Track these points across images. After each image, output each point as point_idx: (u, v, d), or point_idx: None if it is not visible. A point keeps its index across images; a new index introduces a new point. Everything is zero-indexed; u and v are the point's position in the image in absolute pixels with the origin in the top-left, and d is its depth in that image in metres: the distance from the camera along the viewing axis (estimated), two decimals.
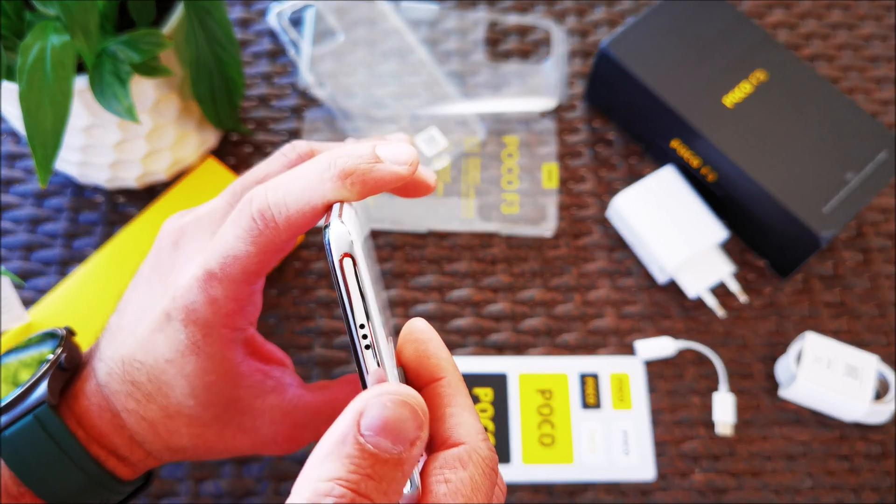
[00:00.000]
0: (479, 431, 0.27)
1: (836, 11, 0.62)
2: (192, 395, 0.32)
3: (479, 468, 0.26)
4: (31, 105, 0.38)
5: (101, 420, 0.33)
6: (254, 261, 0.29)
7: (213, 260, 0.30)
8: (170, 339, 0.31)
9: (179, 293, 0.31)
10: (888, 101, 0.59)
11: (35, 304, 0.48)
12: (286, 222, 0.29)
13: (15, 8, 0.40)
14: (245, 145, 0.55)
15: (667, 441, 0.48)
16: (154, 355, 0.32)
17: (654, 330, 0.50)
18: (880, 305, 0.52)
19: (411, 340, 0.29)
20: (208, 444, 0.34)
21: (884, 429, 0.48)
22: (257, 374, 0.34)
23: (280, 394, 0.34)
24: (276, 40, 0.59)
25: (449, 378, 0.28)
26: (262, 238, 0.29)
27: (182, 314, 0.31)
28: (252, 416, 0.33)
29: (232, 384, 0.33)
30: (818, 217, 0.48)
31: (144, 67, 0.42)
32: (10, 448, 0.32)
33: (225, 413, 0.33)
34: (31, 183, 0.53)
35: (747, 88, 0.51)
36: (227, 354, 0.32)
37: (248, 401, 0.33)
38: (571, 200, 0.54)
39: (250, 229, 0.29)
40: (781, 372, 0.49)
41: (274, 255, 0.30)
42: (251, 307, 0.33)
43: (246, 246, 0.29)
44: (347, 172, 0.28)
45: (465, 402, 0.28)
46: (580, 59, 0.60)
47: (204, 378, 0.32)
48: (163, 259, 0.34)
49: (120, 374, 0.33)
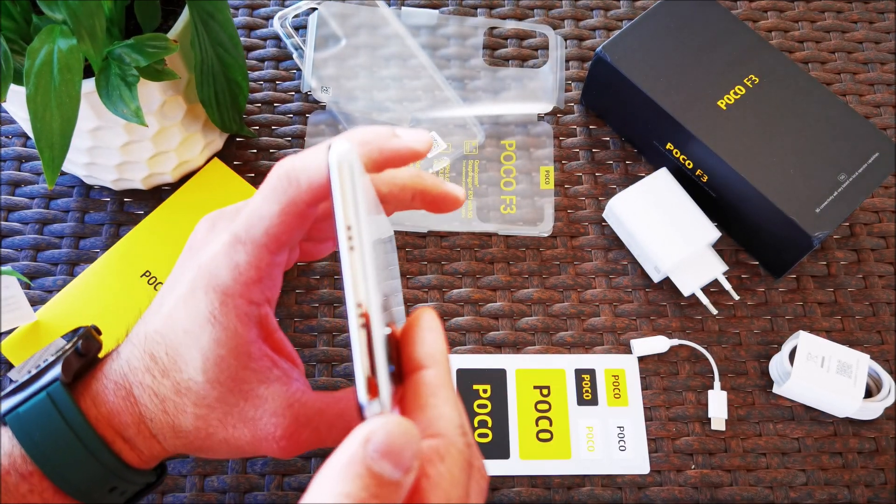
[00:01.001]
0: (458, 426, 0.28)
1: (828, 15, 0.63)
2: (202, 369, 0.33)
3: (457, 462, 0.27)
4: (39, 108, 0.38)
5: (116, 397, 0.34)
6: (276, 222, 0.31)
7: (240, 224, 0.32)
8: (190, 308, 0.33)
9: (205, 261, 0.33)
10: (880, 104, 0.59)
11: (43, 303, 0.49)
12: (308, 182, 0.30)
13: (22, 12, 0.41)
14: (250, 148, 0.56)
15: (662, 437, 0.48)
16: (174, 326, 0.33)
17: (649, 328, 0.51)
18: (873, 305, 0.53)
19: (413, 327, 0.30)
20: (210, 429, 0.34)
21: (877, 425, 0.49)
22: (265, 359, 0.34)
23: (284, 384, 0.35)
24: (280, 45, 0.60)
25: (437, 370, 0.29)
26: (286, 197, 0.31)
27: (204, 281, 0.33)
28: (254, 403, 0.34)
29: (240, 363, 0.33)
30: (811, 218, 0.49)
31: (150, 71, 0.43)
32: (21, 425, 0.33)
33: (230, 395, 0.34)
34: (39, 184, 0.54)
35: (741, 92, 0.52)
36: (241, 329, 0.33)
37: (253, 384, 0.34)
38: (568, 202, 0.55)
39: (276, 188, 0.31)
40: (775, 370, 0.50)
41: (296, 220, 0.32)
42: (270, 281, 0.34)
43: (270, 206, 0.31)
44: (366, 140, 0.32)
45: (447, 395, 0.29)
46: (577, 63, 0.61)
47: (216, 351, 0.33)
48: (197, 241, 0.36)
49: (141, 348, 0.34)
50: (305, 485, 0.46)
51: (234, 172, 0.53)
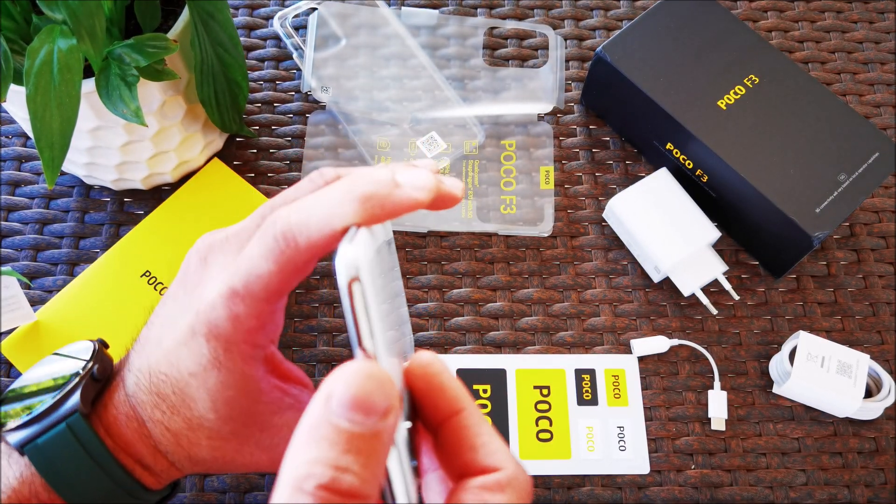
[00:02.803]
0: (511, 457, 0.29)
1: (828, 15, 0.63)
2: (212, 408, 0.33)
3: (518, 493, 0.28)
4: (39, 108, 0.38)
5: (129, 429, 0.34)
6: (275, 279, 0.30)
7: (238, 277, 0.31)
8: (193, 353, 0.32)
9: (203, 308, 0.32)
10: (881, 104, 0.59)
11: (43, 303, 0.49)
12: (307, 243, 0.29)
13: (22, 12, 0.41)
14: (250, 148, 0.56)
15: (662, 437, 0.48)
16: (178, 368, 0.33)
17: (649, 328, 0.51)
18: (873, 304, 0.53)
19: (422, 375, 0.30)
20: (227, 458, 0.34)
21: (876, 425, 0.49)
22: (276, 391, 0.34)
23: (298, 411, 0.34)
24: (280, 45, 0.60)
25: (470, 409, 0.29)
26: (284, 258, 0.30)
27: (205, 329, 0.32)
28: (270, 432, 0.34)
29: (251, 400, 0.33)
30: (811, 218, 0.48)
31: (150, 71, 0.43)
32: (43, 456, 0.33)
33: (244, 429, 0.34)
34: (39, 184, 0.54)
35: (741, 91, 0.52)
36: (248, 371, 0.33)
37: (266, 416, 0.34)
38: (568, 202, 0.55)
39: (273, 249, 0.30)
40: (775, 369, 0.50)
41: (295, 276, 0.31)
42: (272, 325, 0.33)
43: (268, 265, 0.30)
44: (367, 197, 0.29)
45: (491, 430, 0.29)
46: (577, 63, 0.61)
47: (224, 392, 0.32)
48: (190, 274, 0.34)
49: (147, 385, 0.34)
50: None
51: (234, 172, 0.53)
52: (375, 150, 0.55)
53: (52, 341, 0.48)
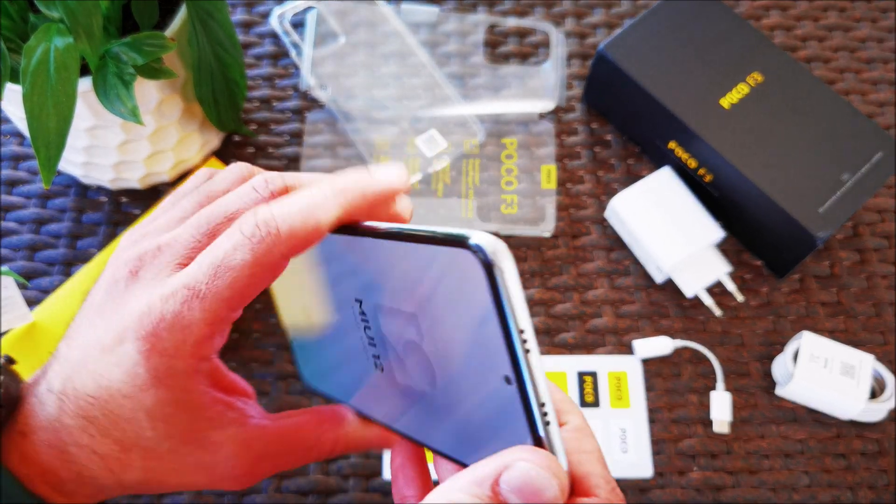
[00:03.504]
0: (609, 481, 0.28)
1: (832, 14, 0.63)
2: (151, 427, 0.30)
3: None
4: (35, 107, 0.38)
5: (48, 456, 0.31)
6: (247, 273, 0.28)
7: (201, 273, 0.29)
8: (126, 372, 0.30)
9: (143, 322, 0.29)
10: (884, 103, 0.59)
11: (39, 303, 0.49)
12: (289, 232, 0.28)
13: (19, 10, 0.41)
14: (248, 146, 0.55)
15: (665, 439, 0.48)
16: (109, 391, 0.30)
17: (651, 329, 0.51)
18: (876, 305, 0.52)
19: None
20: (161, 479, 0.32)
21: (880, 427, 0.49)
22: (218, 406, 0.32)
23: (241, 425, 0.33)
24: (278, 43, 0.59)
25: (575, 422, 0.29)
26: (263, 247, 0.28)
27: (145, 345, 0.29)
28: (210, 450, 0.32)
29: (191, 415, 0.31)
30: (814, 218, 0.48)
31: (148, 69, 0.42)
32: None
33: (182, 446, 0.31)
34: (36, 183, 0.53)
35: (744, 90, 0.52)
36: (190, 386, 0.30)
37: (207, 433, 0.32)
38: (570, 201, 0.55)
39: (250, 237, 0.28)
40: (778, 371, 0.49)
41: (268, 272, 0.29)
42: (220, 338, 0.31)
43: (243, 255, 0.28)
44: (347, 188, 0.29)
45: (592, 447, 0.28)
46: (578, 61, 0.60)
47: (164, 410, 0.30)
48: (119, 289, 0.31)
49: (73, 409, 0.30)
50: (303, 488, 0.46)
51: None
52: (374, 149, 0.55)
53: (47, 341, 0.47)
